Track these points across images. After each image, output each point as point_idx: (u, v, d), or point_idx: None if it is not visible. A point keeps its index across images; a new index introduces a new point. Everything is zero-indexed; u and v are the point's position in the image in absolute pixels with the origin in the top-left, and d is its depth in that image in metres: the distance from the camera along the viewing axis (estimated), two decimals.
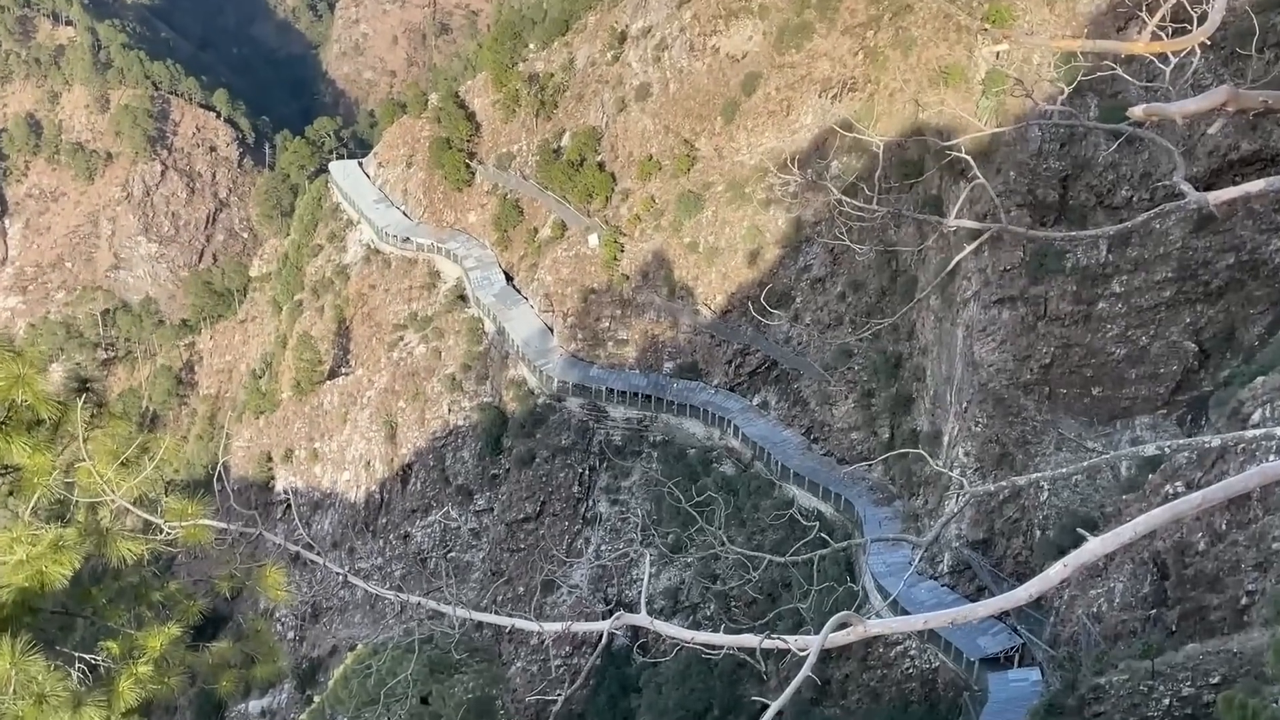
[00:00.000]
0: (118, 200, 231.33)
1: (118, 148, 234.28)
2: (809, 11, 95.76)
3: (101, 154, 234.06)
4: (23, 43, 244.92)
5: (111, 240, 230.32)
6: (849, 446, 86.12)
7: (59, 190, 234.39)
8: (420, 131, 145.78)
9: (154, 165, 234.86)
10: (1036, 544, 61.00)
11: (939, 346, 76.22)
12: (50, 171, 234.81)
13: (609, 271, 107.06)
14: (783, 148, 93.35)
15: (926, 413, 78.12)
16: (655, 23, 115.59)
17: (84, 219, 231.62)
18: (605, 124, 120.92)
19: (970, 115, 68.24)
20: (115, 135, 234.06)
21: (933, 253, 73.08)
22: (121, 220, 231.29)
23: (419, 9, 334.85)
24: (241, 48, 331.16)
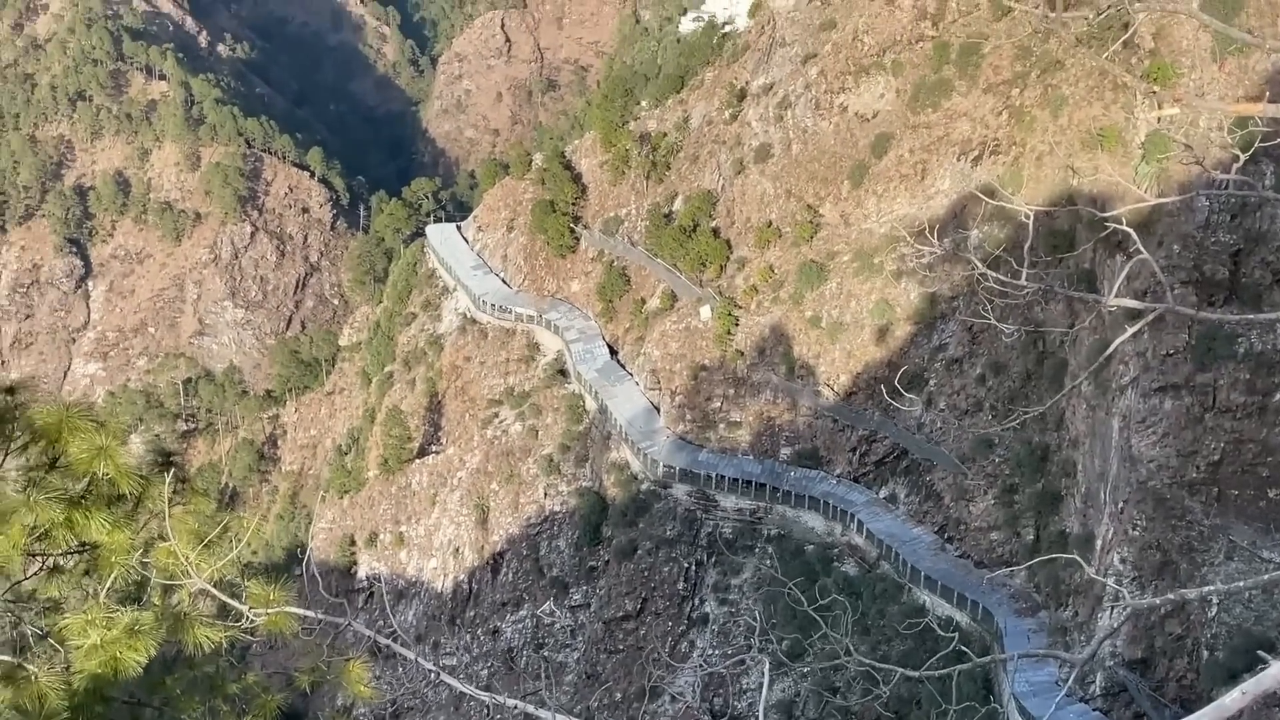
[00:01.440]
0: (205, 263, 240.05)
1: (207, 208, 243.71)
2: (948, 68, 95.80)
3: (190, 214, 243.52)
4: (114, 98, 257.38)
5: (197, 305, 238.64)
6: (988, 548, 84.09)
7: (145, 251, 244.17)
8: (522, 194, 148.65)
9: (244, 226, 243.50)
10: (1204, 666, 58.58)
11: (1092, 438, 74.34)
12: (137, 232, 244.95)
13: (722, 347, 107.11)
14: (917, 215, 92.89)
15: (1077, 513, 76.03)
16: (778, 79, 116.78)
17: (169, 282, 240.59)
18: (721, 187, 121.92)
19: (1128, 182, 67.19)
20: (205, 194, 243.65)
21: (1085, 333, 71.65)
22: (208, 284, 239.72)
23: (525, 65, 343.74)
24: (339, 104, 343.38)
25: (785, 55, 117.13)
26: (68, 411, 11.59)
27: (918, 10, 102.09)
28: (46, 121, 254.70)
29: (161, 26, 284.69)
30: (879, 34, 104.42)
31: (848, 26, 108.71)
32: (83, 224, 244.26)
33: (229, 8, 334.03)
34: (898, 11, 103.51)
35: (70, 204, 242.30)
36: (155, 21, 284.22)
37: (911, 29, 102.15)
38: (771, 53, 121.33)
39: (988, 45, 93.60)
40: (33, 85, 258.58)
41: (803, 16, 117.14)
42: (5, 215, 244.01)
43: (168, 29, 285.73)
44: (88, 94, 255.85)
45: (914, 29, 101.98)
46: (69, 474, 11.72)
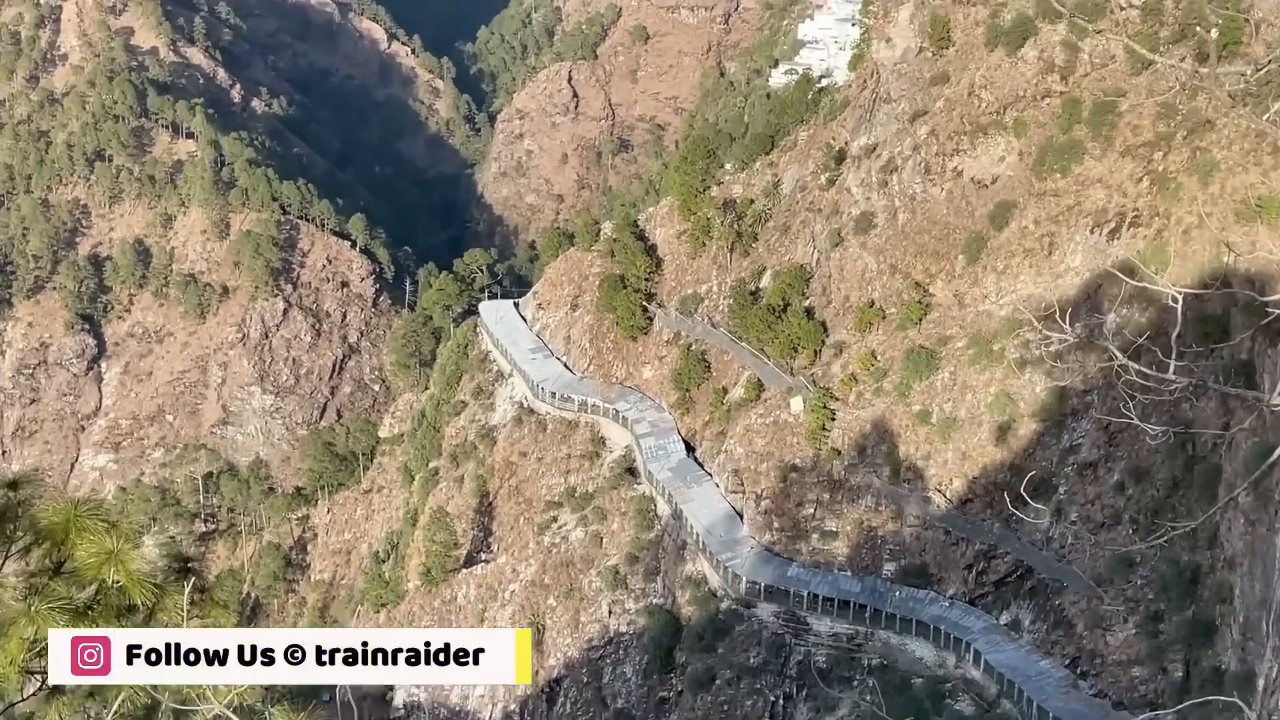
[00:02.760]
0: (231, 343, 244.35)
1: (235, 280, 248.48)
2: (1079, 128, 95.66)
3: (216, 288, 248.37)
4: (137, 158, 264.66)
5: (221, 390, 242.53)
6: (1128, 686, 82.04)
7: (165, 329, 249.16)
8: (589, 267, 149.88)
9: (276, 302, 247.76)
10: None
11: (1251, 558, 72.56)
12: (157, 307, 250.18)
13: (815, 444, 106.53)
14: (1043, 295, 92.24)
15: (1234, 646, 74.01)
16: (882, 140, 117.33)
17: (191, 364, 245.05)
18: (816, 261, 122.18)
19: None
20: (234, 266, 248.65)
21: (1243, 436, 70.23)
22: (234, 366, 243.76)
23: (595, 123, 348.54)
24: (384, 166, 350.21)
25: (891, 113, 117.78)
26: (75, 509, 11.73)
27: (1044, 63, 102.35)
28: (61, 184, 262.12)
29: (191, 79, 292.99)
30: (999, 89, 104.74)
31: (963, 81, 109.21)
32: (97, 298, 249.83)
33: (266, 59, 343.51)
34: (1021, 64, 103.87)
35: (84, 275, 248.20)
36: (184, 74, 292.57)
37: (1036, 84, 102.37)
38: (875, 110, 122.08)
39: (1125, 103, 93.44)
40: (47, 144, 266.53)
41: (911, 70, 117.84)
42: (12, 288, 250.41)
43: (198, 82, 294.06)
44: (107, 153, 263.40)
45: (1039, 84, 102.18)
46: (75, 580, 11.85)
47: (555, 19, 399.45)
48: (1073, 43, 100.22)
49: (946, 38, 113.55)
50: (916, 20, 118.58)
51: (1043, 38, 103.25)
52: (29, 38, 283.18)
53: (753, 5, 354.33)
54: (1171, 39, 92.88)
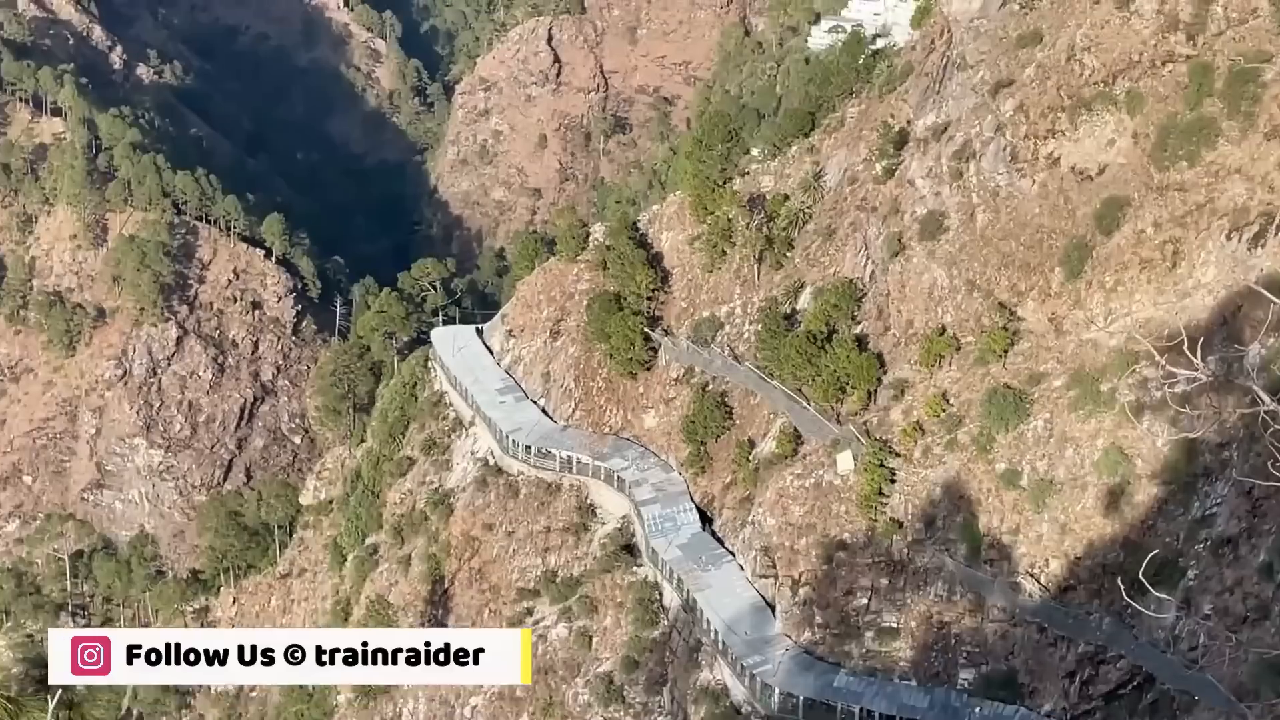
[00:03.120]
0: (109, 381, 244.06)
1: (114, 301, 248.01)
2: (1211, 102, 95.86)
3: (89, 310, 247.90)
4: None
5: (95, 443, 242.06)
6: None
7: (22, 364, 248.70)
8: (575, 283, 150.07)
9: (167, 328, 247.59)
10: None
11: None
12: (12, 334, 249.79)
13: (870, 514, 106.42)
14: (1166, 319, 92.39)
15: None
16: (956, 118, 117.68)
17: (56, 409, 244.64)
18: (870, 275, 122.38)
19: None
20: (112, 282, 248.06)
21: None
22: (113, 411, 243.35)
23: (582, 95, 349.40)
24: (309, 152, 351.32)
25: (966, 83, 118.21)
26: None
27: (1165, 19, 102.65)
28: None
29: (58, 40, 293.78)
30: (1107, 52, 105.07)
31: (1060, 41, 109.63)
32: None
33: (155, 14, 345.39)
34: (1135, 20, 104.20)
35: None
36: (49, 33, 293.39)
37: (1156, 45, 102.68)
38: (946, 79, 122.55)
39: (1272, 70, 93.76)
40: None
41: (992, 27, 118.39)
42: None
43: (67, 44, 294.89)
44: None
45: (1160, 45, 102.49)
46: None
47: None
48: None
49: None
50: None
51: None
52: None
53: None
54: None
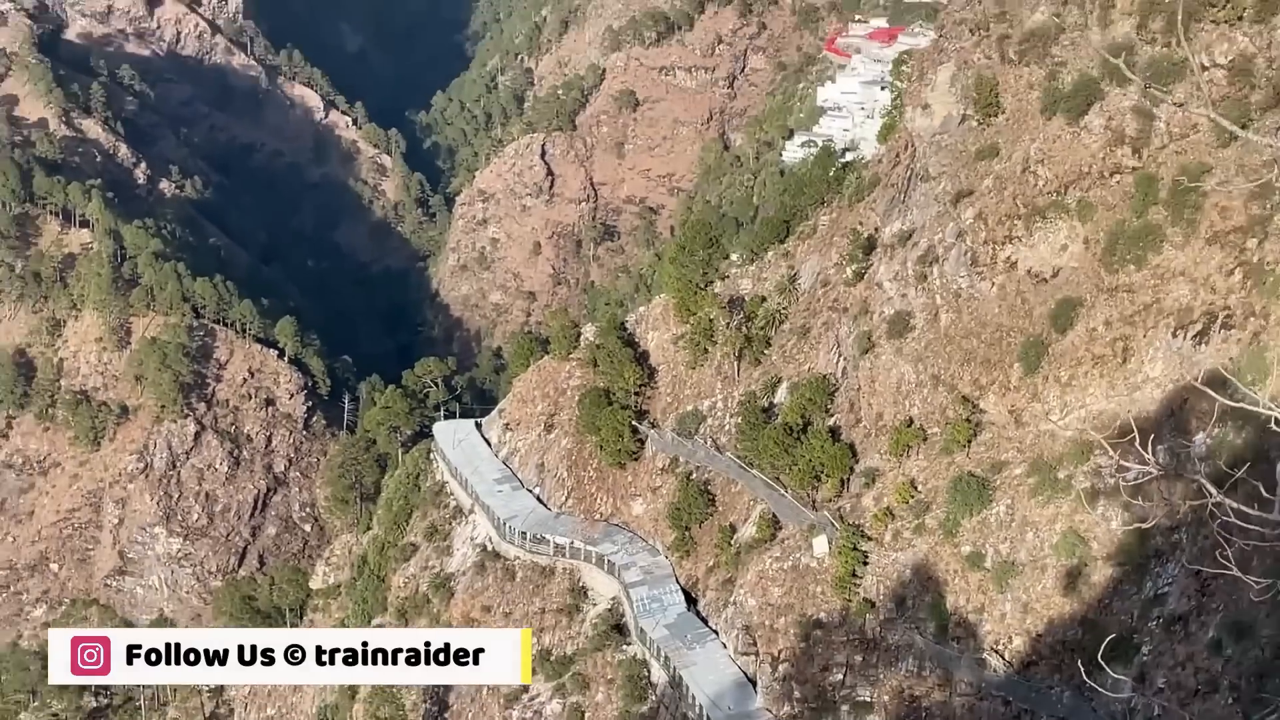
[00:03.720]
0: (131, 474, 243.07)
1: (137, 399, 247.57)
2: (1156, 210, 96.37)
3: (113, 408, 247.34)
4: (19, 251, 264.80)
5: (117, 532, 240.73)
6: None
7: (50, 459, 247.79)
8: (567, 379, 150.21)
9: (186, 424, 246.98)
10: None
11: None
12: (41, 432, 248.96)
13: (844, 595, 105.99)
14: (1117, 412, 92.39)
15: None
16: (920, 225, 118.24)
17: (82, 500, 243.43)
18: (842, 371, 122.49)
19: None
20: (135, 381, 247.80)
21: None
22: (134, 503, 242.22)
23: (573, 205, 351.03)
24: (319, 260, 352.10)
25: (929, 192, 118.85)
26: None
27: (1112, 134, 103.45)
28: None
29: (87, 157, 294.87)
30: (1059, 164, 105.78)
31: (1015, 155, 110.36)
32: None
33: (177, 133, 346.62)
34: (1084, 135, 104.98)
35: None
36: (78, 151, 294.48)
37: (1104, 158, 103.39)
38: (910, 189, 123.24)
39: (1211, 180, 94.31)
40: None
41: (952, 142, 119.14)
42: None
43: (95, 161, 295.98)
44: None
45: (1108, 158, 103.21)
46: None
47: (526, 83, 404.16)
48: (1146, 110, 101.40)
49: (995, 104, 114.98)
50: (959, 83, 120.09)
51: (1110, 104, 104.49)
52: None
53: (762, 66, 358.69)
54: (1265, 104, 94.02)
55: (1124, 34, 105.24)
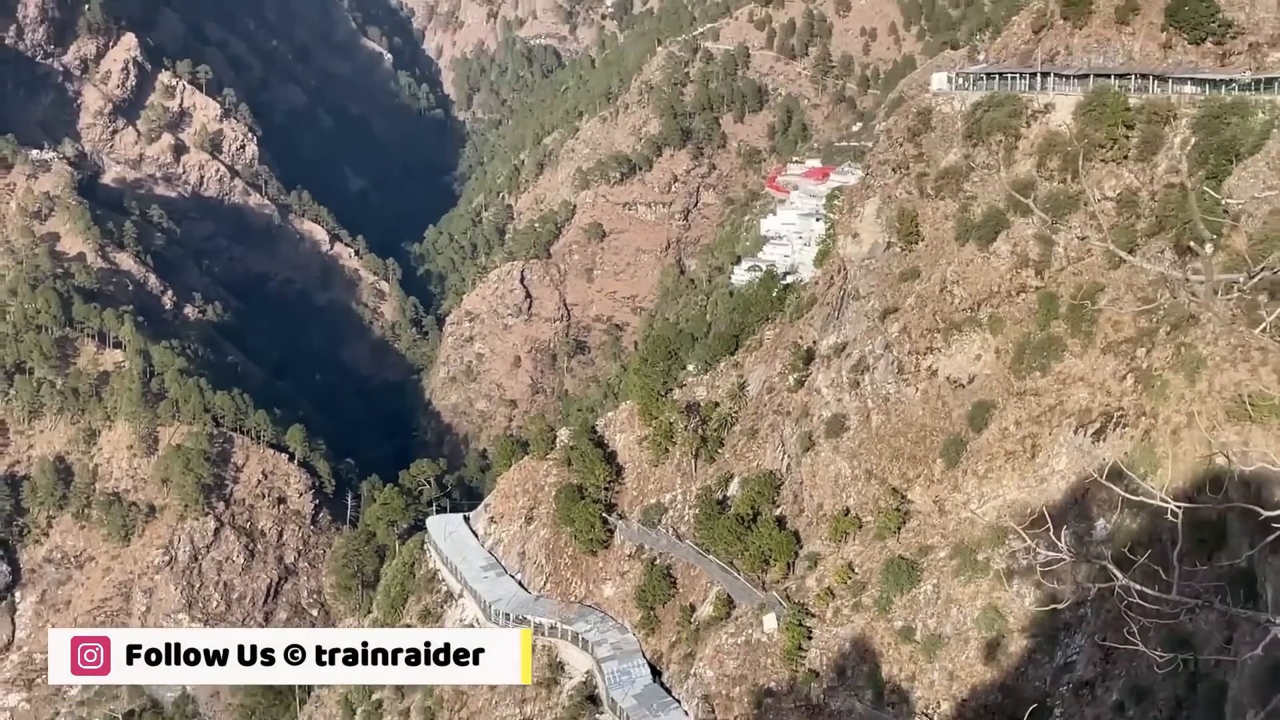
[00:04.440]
0: (157, 566, 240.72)
1: (163, 499, 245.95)
2: (1057, 324, 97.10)
3: (142, 507, 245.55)
4: (60, 370, 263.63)
5: (145, 618, 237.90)
6: None
7: (85, 553, 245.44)
8: (545, 477, 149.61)
9: (206, 521, 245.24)
10: None
11: None
12: (77, 530, 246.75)
13: (791, 666, 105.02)
14: (1028, 500, 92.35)
15: None
16: (852, 338, 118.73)
17: (114, 590, 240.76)
18: (786, 467, 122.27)
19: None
20: (161, 484, 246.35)
21: (1247, 649, 69.76)
22: (160, 592, 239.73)
23: (549, 324, 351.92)
24: (326, 374, 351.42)
25: (860, 310, 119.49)
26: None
27: (1017, 257, 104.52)
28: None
29: (120, 286, 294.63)
30: (972, 285, 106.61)
31: (934, 276, 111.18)
32: (12, 521, 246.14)
33: (200, 264, 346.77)
34: (994, 259, 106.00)
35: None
36: (112, 281, 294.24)
37: (1011, 279, 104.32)
38: (843, 307, 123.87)
39: (1104, 297, 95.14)
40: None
41: (880, 265, 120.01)
42: None
43: (127, 289, 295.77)
44: (27, 366, 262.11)
45: (1014, 279, 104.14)
46: None
47: (506, 217, 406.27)
48: (1047, 236, 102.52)
49: (915, 233, 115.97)
50: (883, 215, 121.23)
51: (1015, 231, 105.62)
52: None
53: (713, 201, 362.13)
54: (1149, 231, 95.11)
55: (1026, 172, 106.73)
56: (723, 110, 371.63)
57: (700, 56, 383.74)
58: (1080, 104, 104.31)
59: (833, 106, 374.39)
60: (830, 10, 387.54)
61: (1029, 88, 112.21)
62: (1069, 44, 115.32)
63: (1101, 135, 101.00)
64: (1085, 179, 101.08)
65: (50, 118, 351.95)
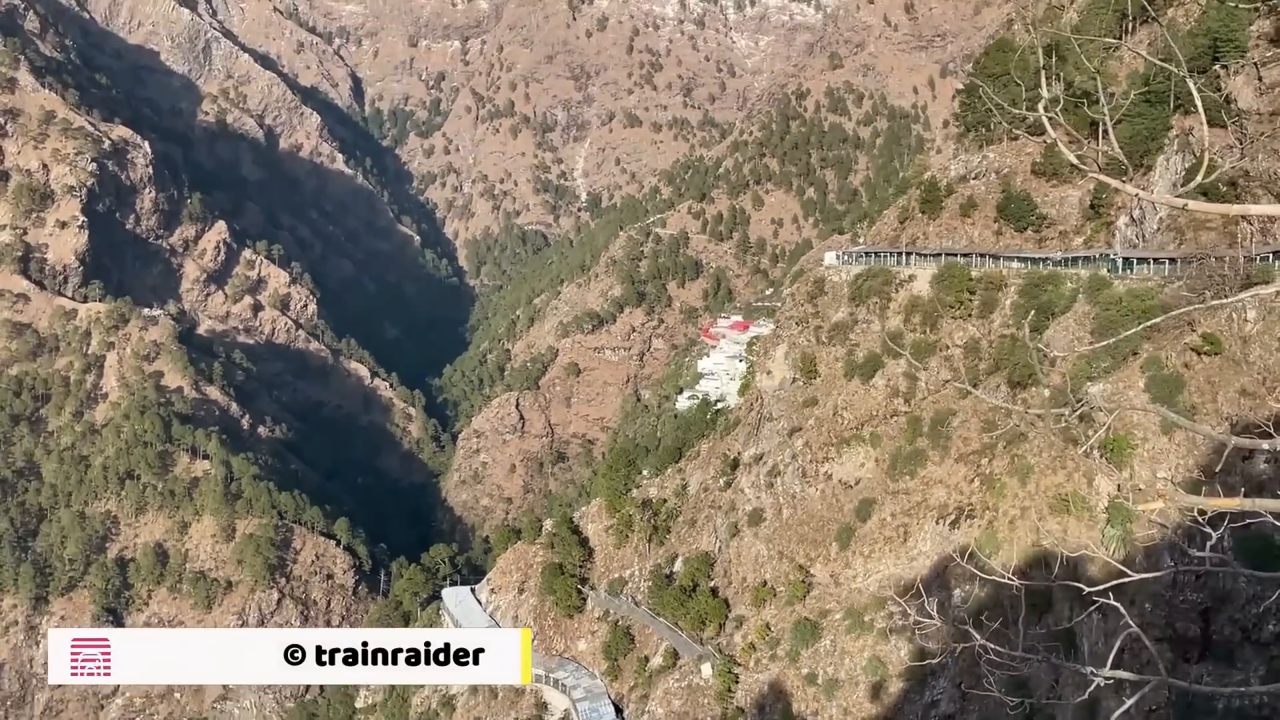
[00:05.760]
0: (232, 628, 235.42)
1: (238, 575, 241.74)
2: (921, 439, 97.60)
3: (222, 582, 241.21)
4: (160, 476, 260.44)
5: None
6: None
7: (176, 618, 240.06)
8: (533, 557, 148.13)
9: (271, 593, 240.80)
10: None
11: None
12: (171, 600, 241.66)
13: (723, 704, 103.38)
14: (902, 574, 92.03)
15: None
16: (767, 450, 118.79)
17: None
18: (718, 549, 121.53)
19: (1096, 545, 66.87)
20: (237, 564, 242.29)
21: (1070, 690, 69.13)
22: None
23: (537, 439, 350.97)
24: (366, 477, 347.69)
25: (773, 429, 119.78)
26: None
27: (890, 389, 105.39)
28: (96, 499, 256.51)
29: (209, 411, 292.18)
30: (857, 410, 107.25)
31: (828, 404, 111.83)
32: (121, 594, 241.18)
33: (270, 394, 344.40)
34: (873, 390, 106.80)
35: (111, 575, 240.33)
36: (203, 407, 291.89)
37: (886, 405, 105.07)
38: (760, 427, 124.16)
39: (956, 419, 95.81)
40: (86, 466, 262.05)
41: (787, 395, 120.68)
42: (49, 587, 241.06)
43: (214, 414, 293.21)
44: (136, 473, 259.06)
45: (888, 405, 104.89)
46: None
47: (506, 358, 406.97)
48: (912, 374, 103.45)
49: (814, 370, 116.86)
50: (790, 357, 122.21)
51: (889, 370, 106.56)
52: (76, 381, 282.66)
53: (662, 346, 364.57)
54: (989, 370, 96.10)
55: (896, 325, 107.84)
56: (669, 279, 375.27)
57: (652, 239, 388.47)
58: (935, 275, 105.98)
59: (751, 276, 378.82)
60: (748, 205, 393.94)
61: (897, 263, 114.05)
62: (926, 230, 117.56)
63: (951, 298, 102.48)
64: (938, 331, 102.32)
65: (159, 284, 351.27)
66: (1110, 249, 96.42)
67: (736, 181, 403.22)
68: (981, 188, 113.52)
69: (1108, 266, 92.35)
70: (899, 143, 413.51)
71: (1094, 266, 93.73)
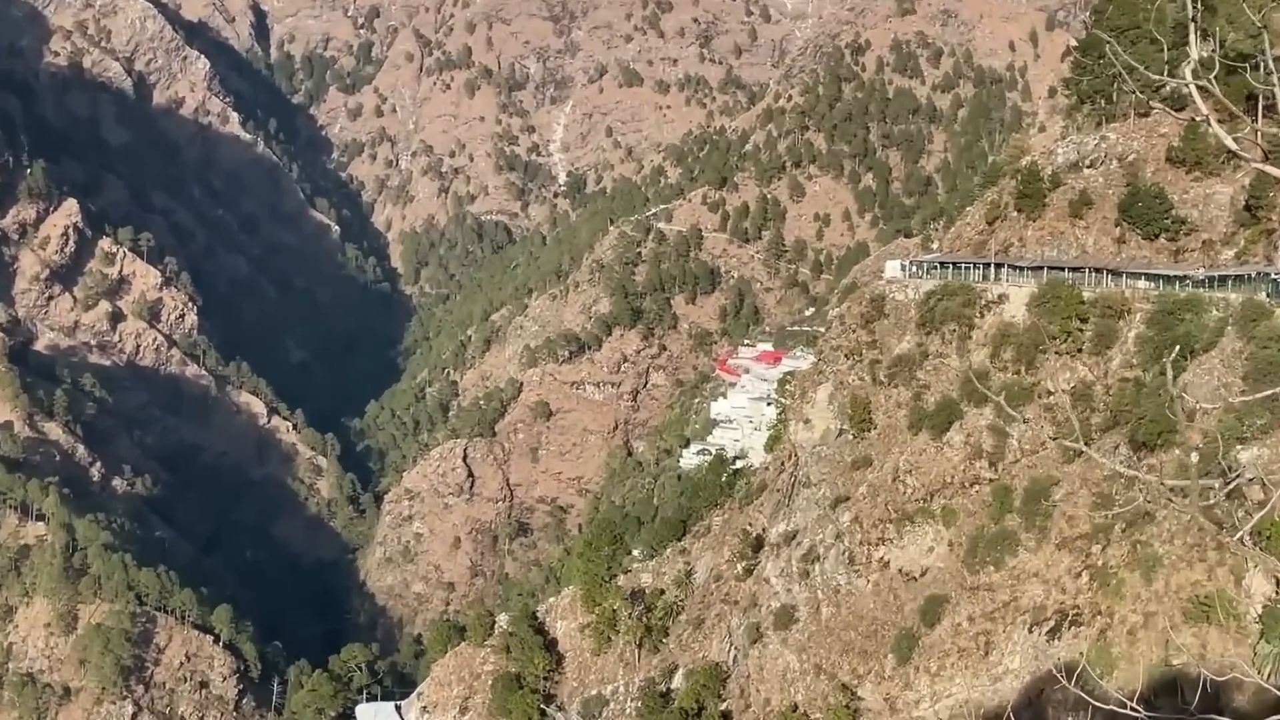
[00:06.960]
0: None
1: (80, 680, 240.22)
2: (1011, 517, 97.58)
3: (57, 689, 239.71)
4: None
5: None
6: None
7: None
8: (482, 665, 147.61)
9: (124, 706, 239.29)
10: None
11: None
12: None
13: None
14: (983, 700, 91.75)
15: None
16: (803, 527, 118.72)
17: None
18: (733, 659, 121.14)
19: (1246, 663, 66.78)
20: (79, 665, 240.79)
21: None
22: None
23: (491, 504, 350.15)
24: (257, 550, 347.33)
25: (811, 498, 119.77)
26: None
27: (971, 448, 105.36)
28: None
29: (46, 457, 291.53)
30: (925, 475, 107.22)
31: (886, 465, 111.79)
32: None
33: (131, 435, 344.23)
34: (947, 449, 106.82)
35: None
36: (39, 450, 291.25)
37: (964, 470, 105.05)
38: (794, 494, 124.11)
39: (1059, 491, 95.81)
40: None
41: (831, 452, 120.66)
42: None
43: (54, 460, 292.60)
44: None
45: (967, 470, 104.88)
46: None
47: (451, 393, 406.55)
48: (1001, 428, 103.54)
49: (868, 420, 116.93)
50: (836, 401, 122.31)
51: (969, 422, 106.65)
52: None
53: (662, 382, 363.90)
54: (1104, 424, 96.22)
55: (979, 362, 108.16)
56: (674, 291, 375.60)
57: (653, 236, 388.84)
58: (1034, 295, 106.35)
59: (785, 290, 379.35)
60: (784, 195, 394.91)
61: (983, 278, 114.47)
62: (1023, 235, 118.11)
63: (1056, 327, 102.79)
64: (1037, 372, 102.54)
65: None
66: (1272, 265, 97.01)
67: (769, 163, 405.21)
68: (1099, 179, 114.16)
69: (1268, 289, 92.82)
70: (988, 116, 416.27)
71: (1249, 289, 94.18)
